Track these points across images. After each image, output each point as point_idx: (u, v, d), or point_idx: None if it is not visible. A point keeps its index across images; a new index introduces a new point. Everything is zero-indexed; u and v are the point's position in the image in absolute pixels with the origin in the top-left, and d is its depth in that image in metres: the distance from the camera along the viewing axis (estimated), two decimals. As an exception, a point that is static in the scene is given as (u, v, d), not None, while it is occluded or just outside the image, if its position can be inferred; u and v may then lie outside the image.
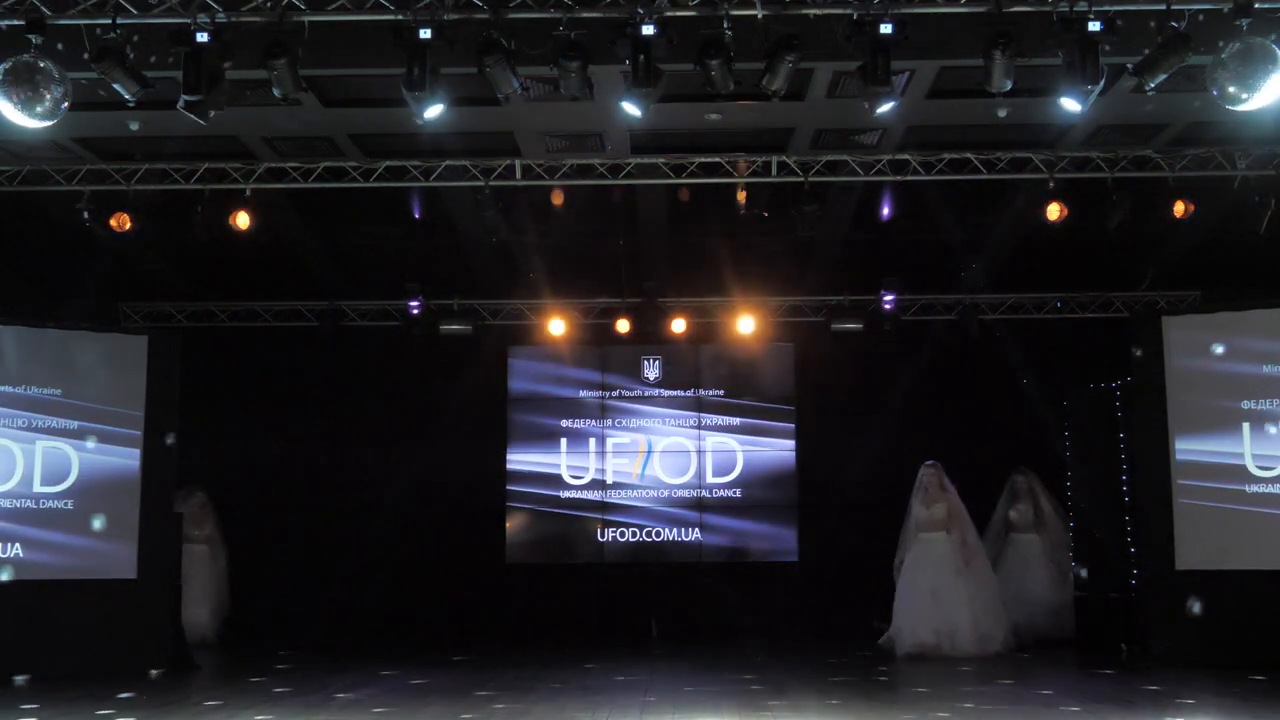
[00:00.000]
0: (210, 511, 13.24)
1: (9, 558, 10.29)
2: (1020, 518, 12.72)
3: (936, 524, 11.30)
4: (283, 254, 12.13)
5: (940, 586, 11.13)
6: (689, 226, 12.23)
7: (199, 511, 13.02)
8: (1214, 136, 9.82)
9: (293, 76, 7.50)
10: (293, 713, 8.04)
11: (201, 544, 12.95)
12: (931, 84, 8.75)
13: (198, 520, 12.96)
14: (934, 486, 11.41)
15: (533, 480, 13.74)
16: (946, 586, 11.13)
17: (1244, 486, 10.71)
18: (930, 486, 11.43)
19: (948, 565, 11.20)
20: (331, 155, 10.13)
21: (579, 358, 13.83)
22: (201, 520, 13.07)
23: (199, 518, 13.04)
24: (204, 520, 13.12)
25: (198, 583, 12.61)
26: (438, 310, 12.85)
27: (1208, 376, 10.96)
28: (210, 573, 13.06)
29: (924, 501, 11.43)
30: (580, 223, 12.02)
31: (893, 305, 12.55)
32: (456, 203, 11.20)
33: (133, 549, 10.52)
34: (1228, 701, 8.29)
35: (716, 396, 13.84)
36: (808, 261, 12.86)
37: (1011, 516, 12.76)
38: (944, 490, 11.45)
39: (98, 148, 9.98)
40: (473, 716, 7.79)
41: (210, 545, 13.06)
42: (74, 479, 10.63)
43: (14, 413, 10.51)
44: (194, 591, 12.39)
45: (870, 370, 13.21)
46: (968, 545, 11.38)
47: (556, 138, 9.92)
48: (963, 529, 11.38)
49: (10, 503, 10.37)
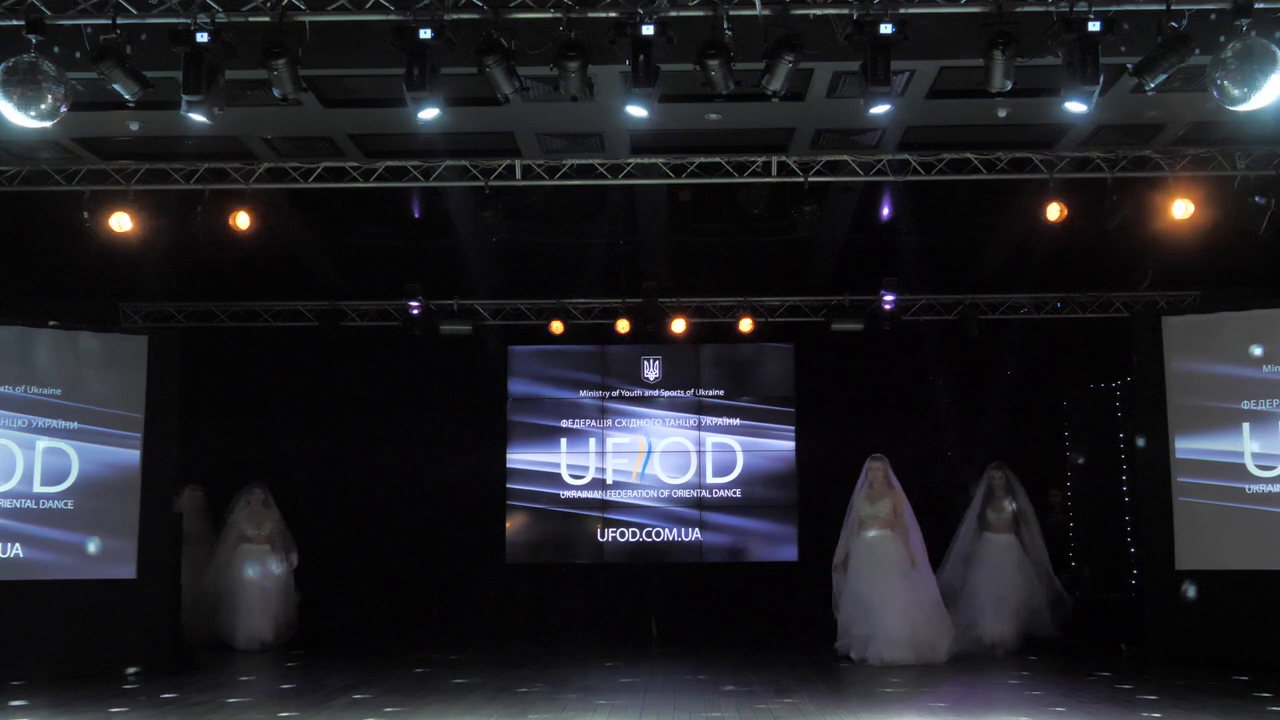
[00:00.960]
0: (271, 509, 12.47)
1: (9, 558, 10.29)
2: (998, 517, 11.62)
3: (881, 521, 10.52)
4: (283, 254, 12.13)
5: (883, 590, 10.32)
6: (689, 226, 12.24)
7: (259, 509, 12.39)
8: (1214, 136, 9.82)
9: (293, 76, 7.50)
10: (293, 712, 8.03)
11: (261, 544, 12.31)
12: (931, 84, 8.74)
13: (256, 519, 12.35)
14: (879, 481, 10.65)
15: (533, 480, 13.74)
16: (889, 591, 10.33)
17: (1244, 486, 10.70)
18: (875, 481, 10.67)
19: (893, 567, 10.42)
20: (331, 155, 10.13)
21: (579, 358, 13.83)
22: (261, 519, 12.38)
23: (258, 516, 12.38)
24: (264, 519, 12.39)
25: (254, 586, 12.08)
26: (438, 310, 12.85)
27: (1207, 377, 10.96)
28: (266, 575, 12.23)
29: (868, 497, 10.66)
30: (580, 223, 12.03)
31: (892, 305, 12.55)
32: (456, 203, 11.20)
33: (132, 549, 10.52)
34: (1227, 701, 8.29)
35: (716, 396, 13.84)
36: (808, 261, 12.86)
37: (989, 516, 11.66)
38: (890, 486, 10.67)
39: (98, 148, 9.98)
40: (472, 717, 7.79)
41: (271, 545, 12.32)
42: (74, 479, 10.63)
43: (14, 413, 10.51)
44: (248, 597, 11.96)
45: (870, 370, 13.21)
46: (911, 546, 10.52)
47: (556, 138, 9.93)
48: (907, 529, 10.58)
49: (10, 503, 10.36)
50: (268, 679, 9.89)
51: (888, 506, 10.53)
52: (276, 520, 12.50)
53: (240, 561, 12.22)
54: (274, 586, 12.26)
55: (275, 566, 12.33)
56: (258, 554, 12.28)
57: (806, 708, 7.95)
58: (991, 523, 11.55)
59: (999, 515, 11.55)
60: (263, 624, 12.04)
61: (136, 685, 8.96)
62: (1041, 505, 12.61)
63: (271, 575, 12.27)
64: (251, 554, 12.26)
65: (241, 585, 12.10)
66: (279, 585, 12.33)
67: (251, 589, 12.10)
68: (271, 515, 12.48)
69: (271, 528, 12.43)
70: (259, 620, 12.04)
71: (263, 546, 12.34)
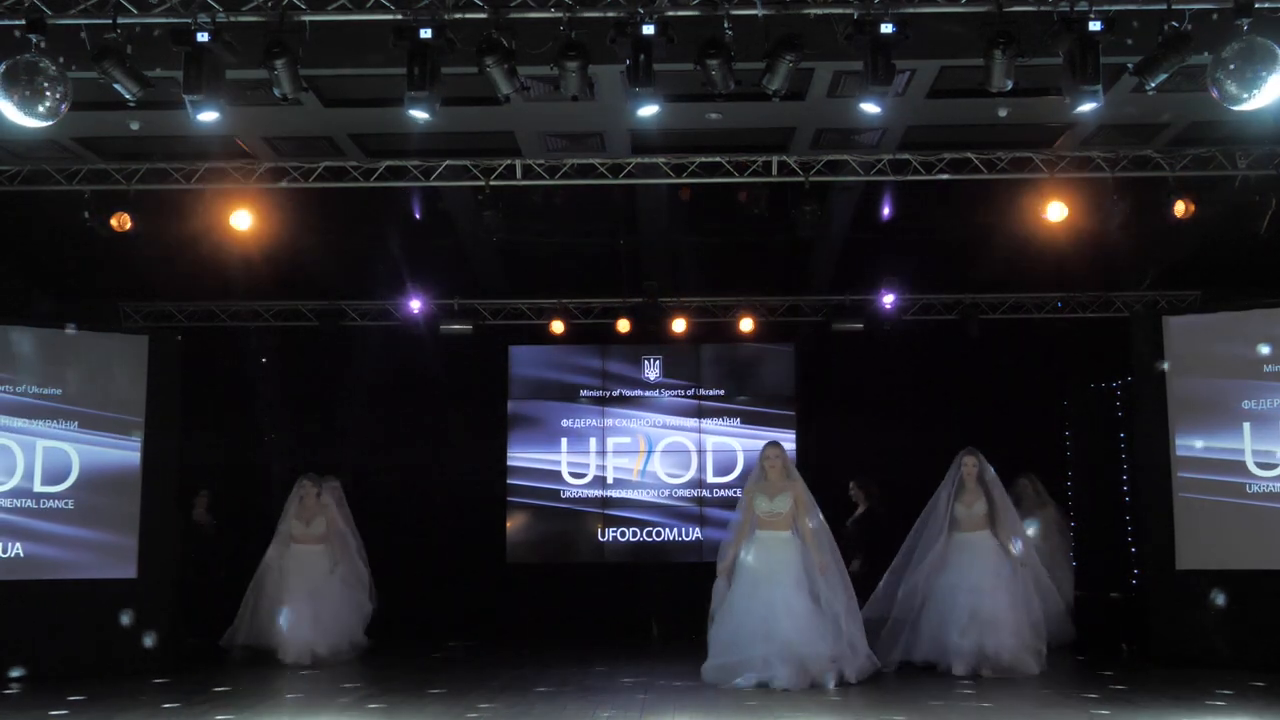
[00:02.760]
0: (325, 504, 11.38)
1: (10, 557, 10.29)
2: (967, 513, 9.91)
3: (778, 520, 9.09)
4: (283, 254, 12.13)
5: (784, 600, 8.86)
6: (689, 226, 12.23)
7: (312, 504, 11.30)
8: (1215, 136, 9.82)
9: (293, 76, 7.50)
10: (291, 712, 8.03)
11: (311, 544, 11.19)
12: (932, 84, 8.74)
13: (306, 514, 11.27)
14: (775, 471, 9.22)
15: (533, 479, 13.74)
16: (790, 600, 8.87)
17: (1245, 486, 10.71)
18: (771, 470, 9.24)
19: (789, 574, 8.95)
20: (332, 155, 10.13)
21: (579, 357, 13.83)
22: (311, 515, 11.28)
23: (310, 511, 11.29)
24: (314, 514, 11.29)
25: (302, 588, 10.91)
26: (438, 310, 12.86)
27: (1208, 377, 10.96)
28: (319, 576, 11.06)
29: (763, 490, 9.21)
30: (581, 222, 12.03)
31: (893, 305, 12.55)
32: (457, 202, 11.20)
33: (133, 548, 10.53)
34: (1230, 701, 8.29)
35: (717, 396, 13.84)
36: (808, 261, 12.86)
37: (957, 511, 9.92)
38: (788, 478, 9.25)
39: (98, 147, 9.98)
40: (473, 716, 7.80)
41: (326, 546, 11.25)
42: (75, 478, 10.64)
43: (14, 413, 10.52)
44: (296, 606, 10.75)
45: (871, 370, 13.21)
46: (819, 548, 9.06)
47: (557, 137, 9.93)
48: (809, 529, 9.12)
49: (11, 502, 10.37)
50: (265, 676, 9.87)
51: (787, 502, 9.10)
52: (332, 516, 11.38)
53: (287, 565, 11.10)
54: (327, 593, 11.04)
55: (327, 569, 11.13)
56: (307, 556, 11.13)
57: (807, 706, 7.95)
58: (960, 519, 9.87)
59: (970, 511, 9.89)
60: (313, 635, 10.77)
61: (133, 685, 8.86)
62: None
63: (322, 580, 11.06)
64: (300, 556, 11.12)
65: (289, 592, 10.94)
66: (333, 592, 11.10)
67: (298, 596, 10.88)
68: (325, 510, 11.35)
69: (325, 525, 11.28)
70: (308, 631, 10.75)
71: (313, 547, 11.21)
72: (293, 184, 10.31)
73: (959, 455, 10.08)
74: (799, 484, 9.20)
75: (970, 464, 9.94)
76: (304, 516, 11.27)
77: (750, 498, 9.25)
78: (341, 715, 7.92)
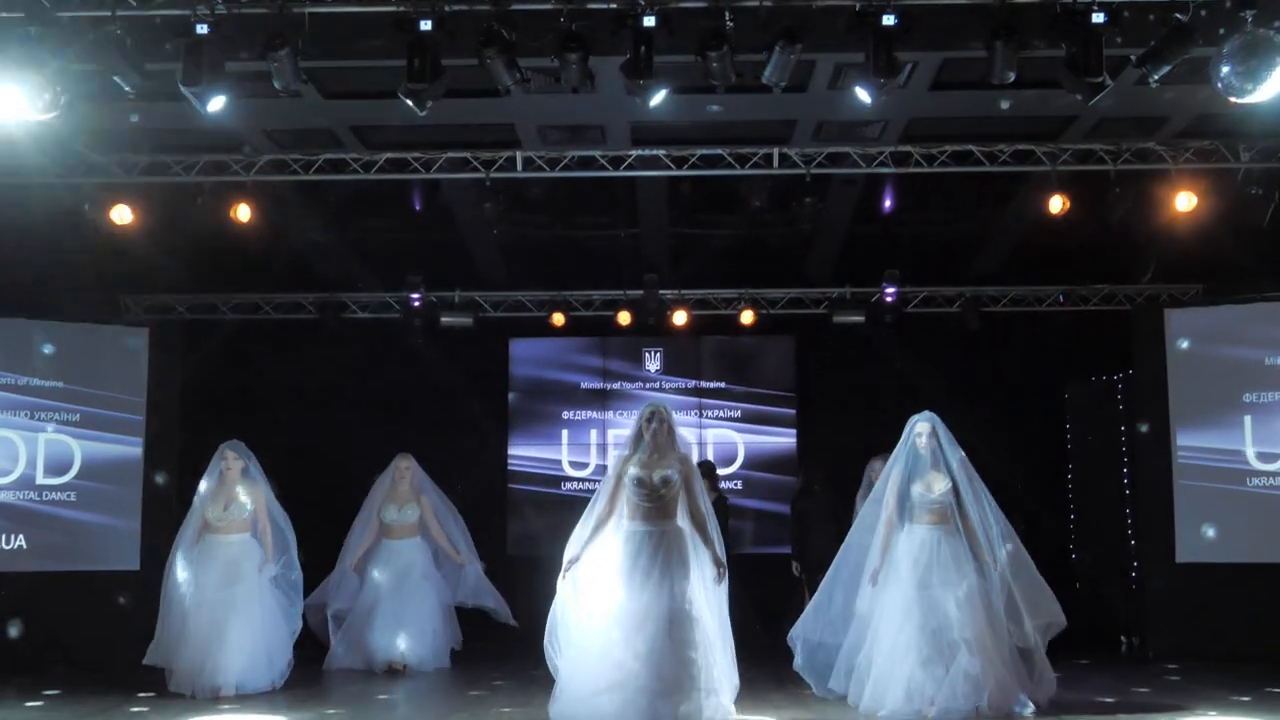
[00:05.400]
0: (423, 486, 10.16)
1: (13, 549, 10.32)
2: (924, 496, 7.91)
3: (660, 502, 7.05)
4: (283, 246, 12.11)
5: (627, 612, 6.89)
6: (690, 219, 12.22)
7: (406, 487, 10.11)
8: (1218, 129, 9.79)
9: (293, 68, 7.49)
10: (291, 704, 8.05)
11: (404, 535, 10.00)
12: (934, 76, 8.72)
13: (400, 498, 10.09)
14: (664, 438, 7.18)
15: (534, 471, 13.75)
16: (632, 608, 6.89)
17: (1245, 479, 10.72)
18: (658, 437, 7.16)
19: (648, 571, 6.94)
20: (332, 147, 10.11)
21: (580, 349, 13.82)
22: (404, 498, 10.08)
23: (404, 495, 10.09)
24: (407, 499, 10.09)
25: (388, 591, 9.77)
26: (439, 302, 12.85)
27: (1210, 369, 10.97)
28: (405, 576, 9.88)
29: (644, 464, 7.10)
30: (581, 215, 12.01)
31: (894, 298, 12.54)
32: (457, 195, 11.18)
33: (136, 540, 10.54)
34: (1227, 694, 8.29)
35: (717, 388, 13.83)
36: (809, 254, 12.84)
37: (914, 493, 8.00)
38: (674, 448, 7.25)
39: (98, 140, 9.95)
40: (473, 711, 7.80)
41: (422, 536, 10.08)
42: (77, 470, 10.66)
43: (16, 406, 10.53)
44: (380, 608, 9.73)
45: (871, 363, 13.19)
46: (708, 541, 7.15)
47: (557, 129, 9.90)
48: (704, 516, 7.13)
49: (13, 495, 10.39)
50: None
51: (674, 472, 7.09)
52: (430, 501, 10.16)
53: (372, 558, 9.97)
54: (420, 593, 9.88)
55: (421, 567, 9.96)
56: (399, 549, 10.01)
57: (808, 700, 7.95)
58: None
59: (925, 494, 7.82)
60: (384, 643, 9.65)
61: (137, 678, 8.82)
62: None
63: (414, 576, 9.89)
64: (390, 549, 10.00)
65: (375, 592, 9.83)
66: (427, 592, 9.92)
67: (384, 596, 9.79)
68: (417, 493, 10.11)
69: (419, 512, 10.07)
70: (380, 638, 9.66)
71: (407, 541, 10.03)
72: (293, 176, 10.30)
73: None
74: (688, 459, 7.34)
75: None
76: (397, 500, 10.09)
77: (616, 468, 7.34)
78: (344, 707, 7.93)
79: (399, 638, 9.66)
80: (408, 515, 10.04)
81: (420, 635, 9.74)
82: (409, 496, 10.09)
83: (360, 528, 10.10)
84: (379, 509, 10.06)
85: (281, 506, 9.01)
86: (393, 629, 9.68)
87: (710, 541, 7.12)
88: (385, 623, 9.69)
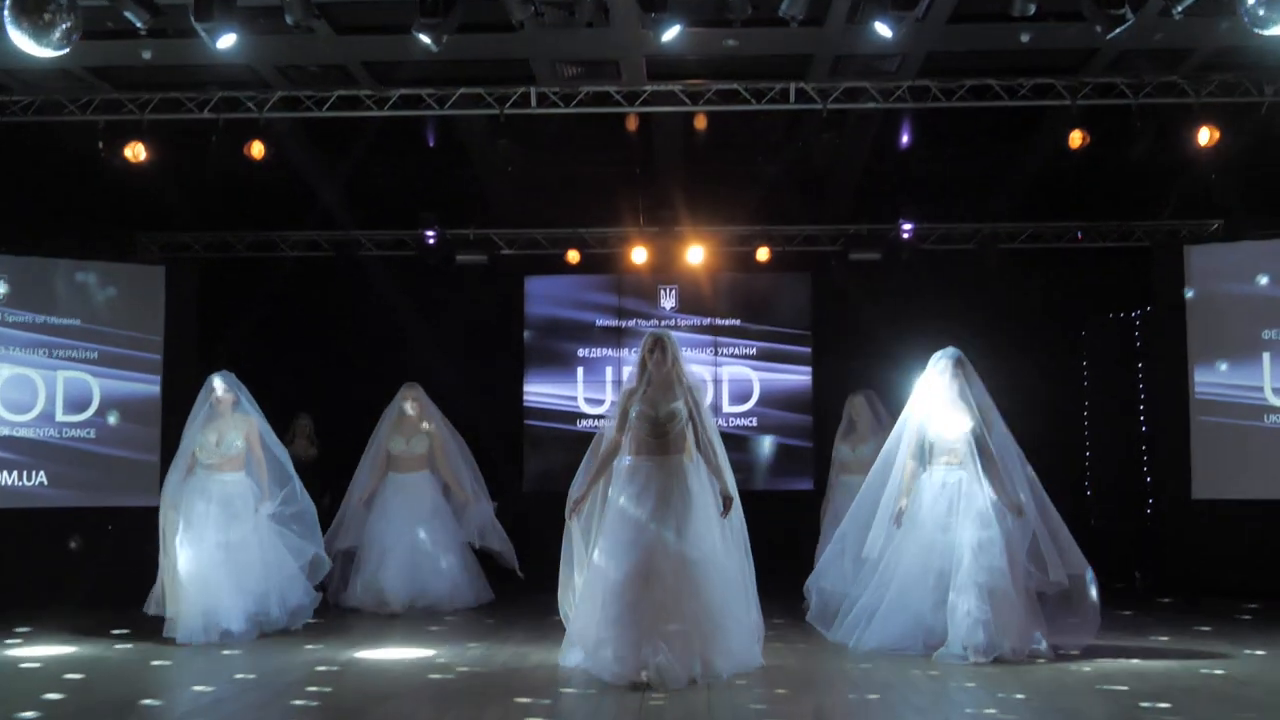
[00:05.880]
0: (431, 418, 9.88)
1: (33, 486, 10.42)
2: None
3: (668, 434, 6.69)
4: (298, 184, 12.08)
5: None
6: (706, 155, 12.12)
7: (413, 418, 9.80)
8: (1241, 61, 9.64)
9: (304, 3, 7.42)
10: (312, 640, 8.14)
11: (412, 469, 9.74)
12: (953, 8, 8.59)
13: (407, 429, 9.80)
14: (667, 366, 6.77)
15: (550, 408, 13.78)
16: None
17: (1263, 415, 10.69)
18: (662, 368, 6.77)
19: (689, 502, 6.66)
20: (345, 84, 10.04)
21: (595, 287, 13.79)
22: (411, 430, 9.81)
23: (410, 426, 9.80)
24: (414, 430, 9.83)
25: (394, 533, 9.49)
26: (454, 240, 12.82)
27: (1228, 306, 10.91)
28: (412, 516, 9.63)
29: (645, 399, 6.73)
30: (596, 151, 11.93)
31: (911, 235, 12.45)
32: (472, 132, 11.11)
33: (155, 476, 10.63)
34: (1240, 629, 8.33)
35: (733, 325, 13.79)
36: (825, 190, 12.75)
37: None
38: (680, 379, 6.81)
39: (110, 77, 9.91)
40: (487, 644, 7.89)
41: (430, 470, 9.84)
42: (95, 408, 10.73)
43: (34, 345, 10.59)
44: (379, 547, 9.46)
45: (888, 300, 13.14)
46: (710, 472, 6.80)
47: (572, 65, 9.81)
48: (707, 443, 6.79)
49: (33, 432, 10.48)
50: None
51: (672, 409, 6.68)
52: (438, 431, 9.76)
53: (381, 493, 9.70)
54: (431, 529, 9.60)
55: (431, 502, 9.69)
56: (407, 482, 9.78)
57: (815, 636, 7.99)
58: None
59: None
60: (399, 583, 9.38)
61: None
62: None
63: (424, 511, 9.62)
64: (398, 483, 9.75)
65: (384, 529, 9.56)
66: (439, 527, 9.64)
67: (395, 533, 9.51)
68: (430, 426, 9.77)
69: (427, 442, 9.69)
70: (395, 579, 9.38)
71: (409, 475, 9.74)
72: (306, 114, 10.24)
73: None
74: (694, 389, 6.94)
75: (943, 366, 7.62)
76: (405, 431, 9.80)
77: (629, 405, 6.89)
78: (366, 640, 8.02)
79: (413, 577, 9.40)
80: (416, 447, 9.74)
81: (436, 572, 9.47)
82: (417, 427, 9.79)
83: (367, 462, 9.81)
84: (386, 441, 9.77)
85: (278, 439, 8.62)
86: (407, 567, 9.39)
87: (720, 474, 6.76)
88: (398, 561, 9.38)
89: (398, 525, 9.54)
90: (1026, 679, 6.46)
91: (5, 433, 10.45)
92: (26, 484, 10.43)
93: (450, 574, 9.56)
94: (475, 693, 6.23)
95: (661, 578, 6.36)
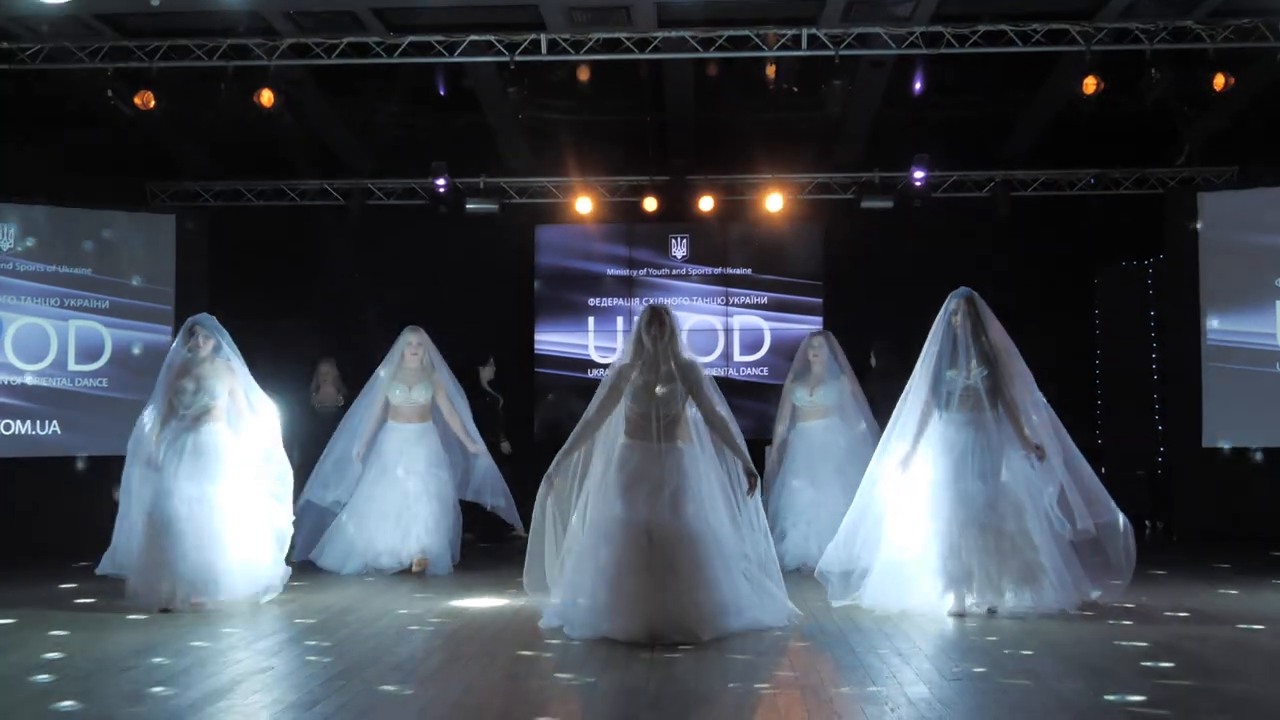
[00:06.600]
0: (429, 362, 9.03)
1: (48, 434, 10.48)
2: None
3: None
4: (308, 132, 12.04)
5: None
6: (717, 102, 12.05)
7: (414, 365, 8.97)
8: (1257, 6, 9.53)
9: (313, -52, 7.37)
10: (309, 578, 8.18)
11: (409, 419, 8.94)
12: (967, -48, 8.52)
13: (409, 378, 8.96)
14: (664, 342, 6.58)
15: (561, 357, 13.78)
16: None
17: (1274, 362, 10.68)
18: (659, 343, 6.57)
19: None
20: (354, 30, 9.98)
21: (606, 236, 13.75)
22: (413, 378, 8.96)
23: (412, 374, 8.96)
24: (415, 378, 8.96)
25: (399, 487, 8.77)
26: (464, 188, 12.79)
27: (1242, 253, 10.86)
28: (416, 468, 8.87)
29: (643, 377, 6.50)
30: (607, 99, 11.86)
31: (923, 182, 12.39)
32: (481, 79, 11.05)
33: (168, 426, 10.68)
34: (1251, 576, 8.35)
35: (744, 275, 13.77)
36: (837, 138, 12.67)
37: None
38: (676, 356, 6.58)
39: (119, 24, 9.86)
40: (501, 592, 7.94)
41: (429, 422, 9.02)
42: (108, 357, 10.78)
43: (45, 294, 10.62)
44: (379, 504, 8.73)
45: (900, 248, 13.09)
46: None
47: (582, 11, 9.73)
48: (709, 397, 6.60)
49: (46, 380, 10.54)
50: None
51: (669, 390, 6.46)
52: (442, 383, 8.98)
53: (380, 449, 8.93)
54: (430, 484, 8.87)
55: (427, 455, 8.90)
56: (407, 433, 8.98)
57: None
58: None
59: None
60: (396, 541, 8.72)
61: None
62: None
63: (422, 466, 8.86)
64: (397, 433, 8.97)
65: (380, 483, 8.84)
66: (440, 482, 8.91)
67: (391, 488, 8.81)
68: (429, 372, 8.95)
69: (432, 392, 8.92)
70: (392, 537, 8.72)
71: (409, 425, 8.94)
72: (315, 60, 10.19)
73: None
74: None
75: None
76: (406, 379, 8.98)
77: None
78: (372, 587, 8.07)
79: (411, 534, 8.71)
80: (418, 396, 8.88)
81: (434, 531, 8.75)
82: (420, 375, 8.93)
83: (362, 409, 8.99)
84: (385, 389, 8.94)
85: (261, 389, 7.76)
86: (404, 524, 8.72)
87: (738, 451, 6.41)
88: (394, 518, 8.73)
89: (394, 479, 8.82)
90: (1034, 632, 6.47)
91: (19, 381, 10.51)
92: (41, 432, 10.50)
93: (446, 534, 8.88)
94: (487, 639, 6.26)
95: (658, 551, 6.06)
